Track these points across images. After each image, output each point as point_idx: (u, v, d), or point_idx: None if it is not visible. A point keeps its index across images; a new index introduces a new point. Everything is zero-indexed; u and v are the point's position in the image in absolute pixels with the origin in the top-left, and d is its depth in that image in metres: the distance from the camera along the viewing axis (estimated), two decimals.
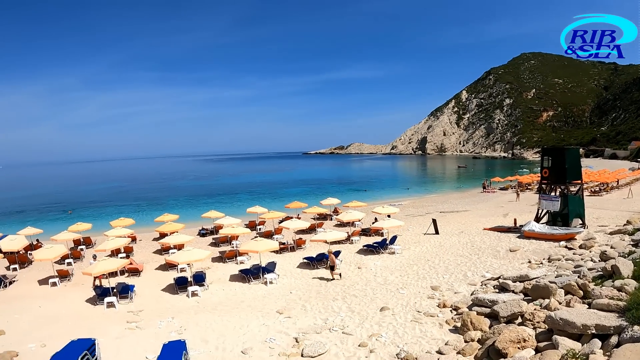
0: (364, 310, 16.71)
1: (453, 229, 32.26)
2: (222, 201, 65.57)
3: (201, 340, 14.70)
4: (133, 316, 18.01)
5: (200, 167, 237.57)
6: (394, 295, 18.31)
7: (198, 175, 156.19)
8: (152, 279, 24.30)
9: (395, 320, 15.02)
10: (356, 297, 18.65)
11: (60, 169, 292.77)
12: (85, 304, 20.35)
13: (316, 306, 17.82)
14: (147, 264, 27.41)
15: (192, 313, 18.10)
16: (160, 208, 58.15)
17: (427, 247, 27.21)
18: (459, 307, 15.11)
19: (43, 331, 16.35)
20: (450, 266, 21.92)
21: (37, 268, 27.69)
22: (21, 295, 22.30)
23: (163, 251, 30.63)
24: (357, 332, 14.34)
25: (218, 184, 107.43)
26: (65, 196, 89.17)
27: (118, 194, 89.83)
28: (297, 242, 30.12)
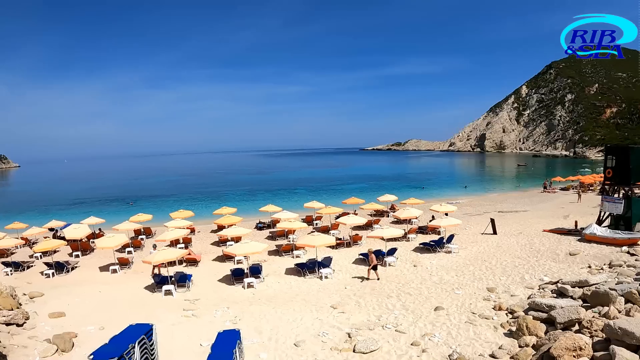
0: (418, 309, 17.47)
1: (511, 230, 33.37)
2: (279, 195, 68.41)
3: (255, 330, 16.02)
4: (189, 304, 19.87)
5: (258, 162, 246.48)
6: (449, 295, 19.00)
7: (255, 169, 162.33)
8: (209, 270, 26.45)
9: (449, 321, 15.67)
10: (411, 295, 19.52)
11: (122, 163, 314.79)
12: (144, 290, 22.76)
13: (370, 303, 18.79)
14: (204, 254, 29.97)
15: (247, 304, 19.69)
16: (218, 201, 61.86)
17: (485, 247, 28.34)
18: (515, 311, 15.51)
19: (102, 315, 18.58)
20: (508, 268, 22.81)
21: (98, 255, 31.29)
22: (82, 281, 25.47)
23: (220, 243, 33.11)
24: (410, 330, 15.08)
25: (275, 179, 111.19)
26: (127, 188, 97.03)
27: (177, 186, 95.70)
28: (353, 238, 31.54)
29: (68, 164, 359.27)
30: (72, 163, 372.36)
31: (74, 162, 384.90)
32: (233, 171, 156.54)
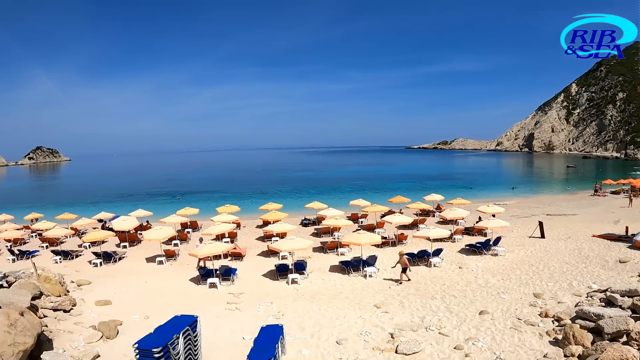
0: (463, 312, 17.07)
1: (560, 234, 32.34)
2: (324, 193, 68.60)
3: (298, 326, 16.00)
4: (233, 298, 20.11)
5: (303, 159, 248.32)
6: (495, 299, 18.50)
7: (301, 167, 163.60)
8: (253, 264, 26.68)
9: (494, 326, 15.24)
10: (455, 297, 19.13)
11: (169, 158, 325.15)
12: (189, 282, 23.20)
13: (414, 303, 18.51)
14: (249, 249, 30.26)
15: (290, 300, 19.73)
16: (264, 197, 62.44)
17: (532, 251, 27.63)
18: (562, 318, 14.86)
19: (147, 304, 19.00)
20: (555, 273, 22.18)
21: (145, 247, 32.24)
22: (129, 271, 26.24)
23: (266, 238, 33.41)
24: (453, 333, 14.75)
25: (321, 176, 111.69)
26: (174, 183, 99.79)
27: (224, 182, 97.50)
28: (398, 237, 31.30)
29: (117, 158, 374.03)
30: (121, 158, 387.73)
31: (123, 157, 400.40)
32: (278, 168, 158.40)
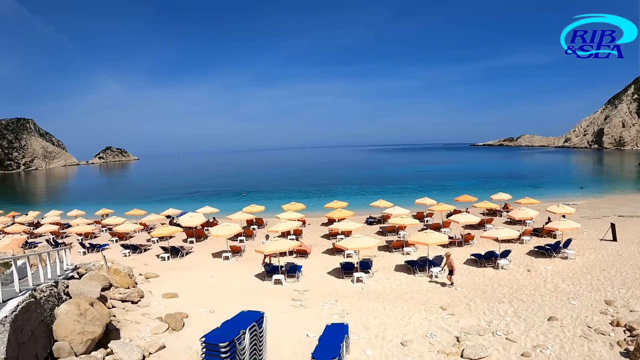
0: (531, 317, 16.34)
1: (633, 237, 30.17)
2: (390, 191, 67.68)
3: (362, 326, 15.86)
4: (298, 295, 20.16)
5: (367, 157, 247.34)
6: (564, 305, 17.54)
7: (365, 164, 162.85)
8: (318, 262, 26.64)
9: (563, 333, 14.48)
10: (523, 302, 18.35)
11: (235, 157, 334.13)
12: (254, 278, 23.48)
13: (481, 306, 17.96)
14: (315, 247, 30.33)
15: (355, 298, 19.55)
16: (329, 195, 62.44)
17: (603, 254, 26.12)
18: (634, 328, 13.94)
19: (213, 298, 19.33)
20: (628, 280, 20.86)
21: (212, 243, 33.04)
22: (196, 265, 26.97)
23: (331, 236, 33.24)
24: (521, 340, 14.13)
25: (386, 174, 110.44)
26: (240, 180, 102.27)
27: (289, 180, 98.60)
28: (465, 237, 30.31)
29: (184, 157, 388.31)
30: (188, 156, 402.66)
31: (190, 156, 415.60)
32: (343, 166, 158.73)
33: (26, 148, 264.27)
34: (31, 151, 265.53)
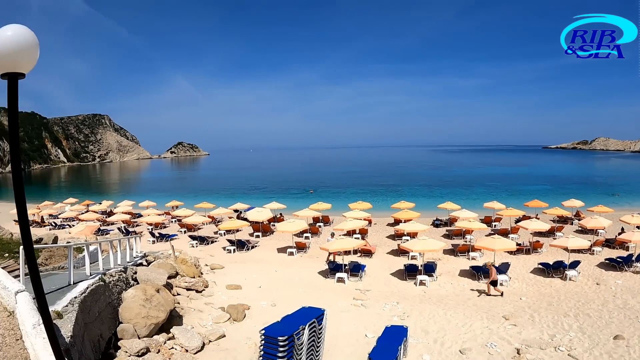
0: (596, 334, 15.35)
1: None
2: (457, 193, 65.90)
3: (422, 330, 15.60)
4: (360, 294, 20.06)
5: (435, 157, 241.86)
6: (632, 324, 16.32)
7: (433, 165, 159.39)
8: (382, 262, 26.47)
9: (629, 354, 13.50)
10: (590, 317, 17.25)
11: (303, 154, 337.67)
12: (317, 275, 23.61)
13: (545, 318, 17.09)
14: (379, 247, 30.15)
15: (417, 301, 19.27)
16: (395, 195, 61.85)
17: None
18: None
19: (275, 292, 19.66)
20: None
21: (277, 238, 33.59)
22: (260, 259, 27.51)
23: (396, 237, 32.97)
24: (584, 357, 13.34)
25: (454, 175, 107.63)
26: (307, 177, 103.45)
27: (356, 178, 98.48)
28: (533, 245, 28.83)
29: (253, 153, 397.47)
30: (257, 152, 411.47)
31: (259, 152, 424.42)
32: (410, 166, 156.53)
33: (101, 142, 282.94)
34: (106, 145, 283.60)
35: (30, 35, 3.44)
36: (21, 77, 3.54)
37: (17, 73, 3.48)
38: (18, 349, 6.84)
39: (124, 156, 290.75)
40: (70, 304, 9.22)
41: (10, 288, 8.37)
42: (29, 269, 3.92)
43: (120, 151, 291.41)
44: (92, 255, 13.87)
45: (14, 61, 3.41)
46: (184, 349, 12.21)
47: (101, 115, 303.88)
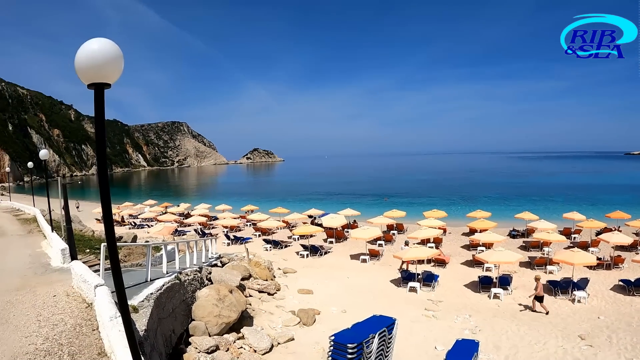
0: None
1: None
2: (535, 202, 62.60)
3: (493, 345, 15.19)
4: (432, 305, 19.80)
5: (512, 164, 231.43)
6: None
7: (510, 172, 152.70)
8: (456, 273, 25.88)
9: None
10: None
11: (377, 161, 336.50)
12: (389, 283, 23.46)
13: (623, 340, 15.90)
14: (453, 257, 29.46)
15: (490, 315, 18.74)
16: (471, 204, 60.09)
17: None
18: None
19: (346, 299, 19.86)
20: None
21: (351, 244, 33.54)
22: (333, 265, 27.77)
23: (471, 247, 32.11)
24: None
25: (531, 184, 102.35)
26: (382, 184, 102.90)
27: (431, 186, 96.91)
28: (614, 260, 26.78)
29: (328, 159, 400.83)
30: (332, 159, 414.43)
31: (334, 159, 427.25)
32: (486, 174, 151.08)
33: (180, 147, 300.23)
34: (184, 150, 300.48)
35: (114, 47, 3.76)
36: (107, 87, 3.84)
37: (103, 83, 3.79)
38: (94, 339, 7.40)
39: (201, 161, 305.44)
40: (146, 299, 9.83)
41: (90, 281, 9.09)
42: (112, 265, 4.25)
43: (197, 156, 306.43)
44: (169, 255, 14.65)
45: (100, 72, 3.72)
46: (253, 349, 12.61)
47: (180, 123, 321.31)
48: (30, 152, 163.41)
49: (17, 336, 7.58)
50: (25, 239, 19.30)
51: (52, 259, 13.83)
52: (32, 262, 13.60)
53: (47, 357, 6.79)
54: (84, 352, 6.93)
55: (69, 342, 7.27)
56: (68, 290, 10.18)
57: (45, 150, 20.37)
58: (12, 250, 16.31)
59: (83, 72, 3.72)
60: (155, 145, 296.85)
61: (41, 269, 12.58)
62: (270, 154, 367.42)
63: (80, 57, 3.68)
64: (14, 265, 13.31)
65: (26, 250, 15.90)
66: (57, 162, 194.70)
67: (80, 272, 9.97)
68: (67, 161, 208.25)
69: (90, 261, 14.48)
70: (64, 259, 13.06)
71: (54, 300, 9.42)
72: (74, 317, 8.35)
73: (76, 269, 10.46)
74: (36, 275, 11.82)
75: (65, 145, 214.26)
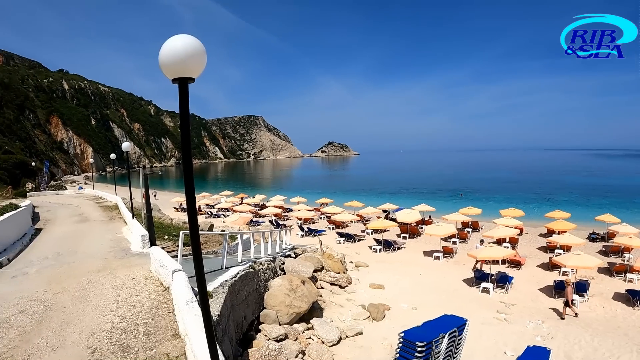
0: None
1: None
2: (618, 204, 57.75)
3: (565, 355, 14.45)
4: (504, 307, 19.08)
5: (594, 162, 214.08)
6: None
7: (591, 171, 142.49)
8: (531, 276, 24.80)
9: None
10: None
11: (453, 156, 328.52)
12: (462, 283, 22.87)
13: None
14: (529, 258, 28.13)
15: (563, 323, 17.79)
16: (549, 203, 56.70)
17: None
18: None
19: (417, 296, 19.58)
20: None
21: (424, 240, 33.13)
22: (405, 261, 27.42)
23: (548, 249, 30.45)
24: None
25: (615, 184, 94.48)
26: (457, 180, 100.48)
27: (507, 183, 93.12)
28: None
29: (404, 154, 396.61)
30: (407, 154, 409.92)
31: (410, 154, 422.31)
32: (566, 171, 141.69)
33: (256, 140, 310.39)
34: (260, 143, 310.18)
35: (197, 43, 3.89)
36: (191, 82, 4.00)
37: (187, 78, 3.94)
38: (169, 321, 7.78)
39: (276, 154, 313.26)
40: (221, 286, 10.19)
41: (168, 266, 9.55)
42: (193, 252, 4.41)
43: (273, 149, 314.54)
44: (245, 244, 15.06)
45: (184, 67, 3.87)
46: (321, 340, 12.74)
47: (255, 116, 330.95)
48: (112, 145, 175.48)
49: (95, 314, 8.14)
50: (107, 224, 20.54)
51: (132, 244, 14.66)
52: (113, 246, 14.48)
53: (123, 335, 7.24)
54: (159, 333, 7.31)
55: (144, 323, 7.71)
56: (146, 273, 10.79)
57: (128, 143, 21.68)
58: (95, 234, 17.43)
59: (167, 67, 3.88)
60: (232, 138, 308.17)
61: (121, 253, 13.37)
62: (345, 147, 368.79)
63: (164, 53, 3.85)
64: (96, 248, 14.24)
65: (108, 235, 16.94)
66: (137, 154, 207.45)
67: (159, 257, 10.51)
68: (147, 153, 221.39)
69: (168, 247, 15.20)
70: (143, 244, 13.81)
71: (132, 283, 10.02)
72: (150, 300, 8.84)
73: (155, 254, 11.03)
74: (116, 259, 12.58)
75: (145, 138, 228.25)
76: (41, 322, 7.84)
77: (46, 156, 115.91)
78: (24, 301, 8.94)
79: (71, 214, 25.14)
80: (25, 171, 56.14)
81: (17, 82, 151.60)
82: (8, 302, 8.87)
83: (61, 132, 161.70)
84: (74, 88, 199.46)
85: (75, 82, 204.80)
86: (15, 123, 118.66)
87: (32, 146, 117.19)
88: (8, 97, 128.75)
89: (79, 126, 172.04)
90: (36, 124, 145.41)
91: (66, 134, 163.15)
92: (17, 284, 10.38)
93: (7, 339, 7.15)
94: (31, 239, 16.66)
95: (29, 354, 6.63)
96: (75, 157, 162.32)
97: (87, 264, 11.91)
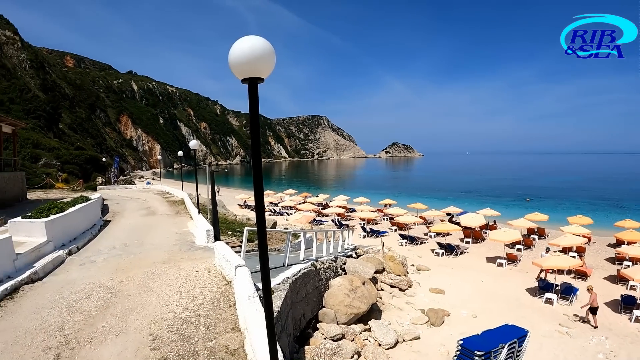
0: None
1: None
2: None
3: None
4: (567, 320, 18.23)
5: None
6: None
7: None
8: (597, 288, 23.02)
9: None
10: None
11: (520, 159, 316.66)
12: (524, 292, 21.98)
13: None
14: (595, 269, 26.54)
15: (628, 341, 16.59)
16: (620, 211, 53.10)
17: None
18: None
19: (477, 303, 19.02)
20: None
21: (488, 246, 32.21)
22: (467, 266, 26.75)
23: (616, 261, 28.54)
24: None
25: None
26: (523, 185, 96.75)
27: (576, 189, 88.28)
28: None
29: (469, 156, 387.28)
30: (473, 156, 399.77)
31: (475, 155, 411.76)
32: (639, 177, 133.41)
33: (320, 140, 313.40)
34: (324, 143, 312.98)
35: (266, 44, 3.92)
36: (260, 82, 4.03)
37: (257, 78, 3.98)
38: (229, 314, 7.90)
39: (340, 154, 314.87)
40: (282, 282, 10.29)
41: (231, 261, 9.74)
42: (259, 248, 4.44)
43: (337, 149, 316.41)
44: (307, 242, 15.17)
45: (253, 67, 3.90)
46: (377, 342, 12.65)
47: (320, 117, 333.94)
48: (179, 143, 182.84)
49: (158, 303, 8.39)
50: (173, 218, 21.17)
51: (196, 238, 15.06)
52: (178, 240, 14.92)
53: (185, 325, 7.41)
54: (219, 325, 7.43)
55: (206, 314, 7.87)
56: (210, 267, 11.02)
57: (195, 141, 22.38)
58: (161, 227, 18.03)
59: (237, 68, 3.93)
60: (296, 138, 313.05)
61: (186, 246, 13.75)
62: (409, 148, 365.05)
63: (234, 54, 3.89)
64: (162, 240, 14.71)
65: (173, 229, 17.48)
66: (204, 151, 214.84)
67: (223, 252, 10.73)
68: (213, 151, 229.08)
69: (232, 243, 15.51)
70: (208, 238, 14.14)
71: (196, 275, 10.28)
72: (213, 292, 9.02)
73: (219, 248, 11.28)
74: (181, 252, 12.95)
75: (211, 137, 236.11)
76: (106, 307, 8.17)
77: (116, 152, 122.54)
78: (90, 287, 9.34)
79: (139, 207, 26.09)
80: (96, 166, 59.32)
81: (88, 84, 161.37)
82: (75, 287, 9.30)
83: (130, 130, 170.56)
84: (142, 89, 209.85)
85: (144, 83, 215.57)
86: (87, 121, 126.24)
87: (102, 143, 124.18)
88: (80, 97, 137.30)
89: (148, 125, 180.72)
90: (107, 122, 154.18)
91: (135, 132, 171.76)
92: (85, 270, 10.85)
93: (73, 322, 7.48)
94: (100, 229, 17.36)
95: (92, 337, 6.91)
96: (144, 153, 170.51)
97: (152, 255, 12.34)
